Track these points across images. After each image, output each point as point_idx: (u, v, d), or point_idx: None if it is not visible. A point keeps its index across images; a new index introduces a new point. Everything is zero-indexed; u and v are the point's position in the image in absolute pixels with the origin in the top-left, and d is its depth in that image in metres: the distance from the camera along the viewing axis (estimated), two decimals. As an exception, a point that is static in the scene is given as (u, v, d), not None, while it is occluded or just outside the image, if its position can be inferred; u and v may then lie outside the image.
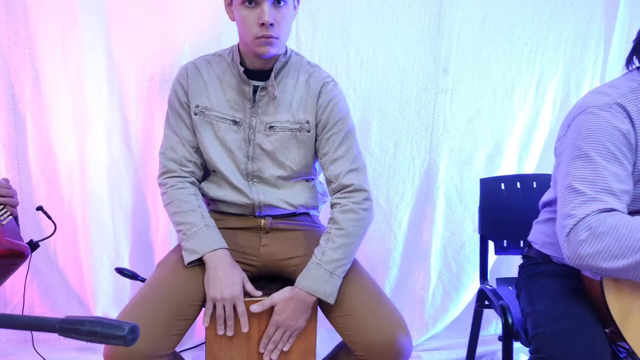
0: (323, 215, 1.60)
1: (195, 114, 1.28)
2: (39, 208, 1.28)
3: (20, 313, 1.66)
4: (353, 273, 1.26)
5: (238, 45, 1.29)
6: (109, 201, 1.76)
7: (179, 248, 1.29)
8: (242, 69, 1.25)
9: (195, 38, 1.71)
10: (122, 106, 1.73)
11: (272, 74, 1.25)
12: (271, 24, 1.14)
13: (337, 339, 1.49)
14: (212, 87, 1.28)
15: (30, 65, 1.66)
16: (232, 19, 1.23)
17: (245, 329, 1.19)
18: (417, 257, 1.98)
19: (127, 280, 1.82)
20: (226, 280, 1.16)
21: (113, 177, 1.76)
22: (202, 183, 1.35)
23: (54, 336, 1.83)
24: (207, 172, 1.37)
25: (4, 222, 1.13)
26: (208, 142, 1.28)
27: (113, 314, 1.82)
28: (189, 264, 1.20)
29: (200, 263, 1.21)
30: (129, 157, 1.77)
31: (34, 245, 1.19)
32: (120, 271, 1.52)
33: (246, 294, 1.22)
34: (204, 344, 1.86)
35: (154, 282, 1.20)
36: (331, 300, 1.19)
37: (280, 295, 1.19)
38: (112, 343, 0.48)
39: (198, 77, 1.29)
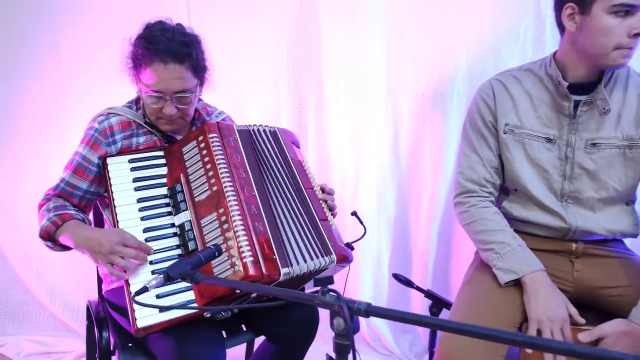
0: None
1: (505, 133, 1.26)
2: (353, 213, 1.40)
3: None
4: None
5: (552, 57, 1.24)
6: (375, 208, 1.87)
7: (484, 266, 1.27)
8: (566, 83, 1.19)
9: (472, 52, 1.71)
10: (395, 118, 1.82)
11: (601, 86, 1.18)
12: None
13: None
14: (521, 103, 1.25)
15: (316, 79, 1.84)
16: (574, 29, 1.16)
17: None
18: None
19: (386, 285, 1.91)
20: (550, 302, 1.12)
21: (380, 185, 1.86)
22: (504, 202, 1.32)
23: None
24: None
25: (333, 228, 1.27)
26: (518, 162, 1.25)
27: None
28: (505, 283, 1.19)
29: (515, 283, 1.19)
30: (396, 167, 1.85)
31: (350, 247, 1.31)
32: (397, 277, 1.57)
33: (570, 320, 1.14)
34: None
35: (471, 299, 1.21)
36: None
37: (612, 328, 1.10)
38: None
39: (504, 94, 1.27)
